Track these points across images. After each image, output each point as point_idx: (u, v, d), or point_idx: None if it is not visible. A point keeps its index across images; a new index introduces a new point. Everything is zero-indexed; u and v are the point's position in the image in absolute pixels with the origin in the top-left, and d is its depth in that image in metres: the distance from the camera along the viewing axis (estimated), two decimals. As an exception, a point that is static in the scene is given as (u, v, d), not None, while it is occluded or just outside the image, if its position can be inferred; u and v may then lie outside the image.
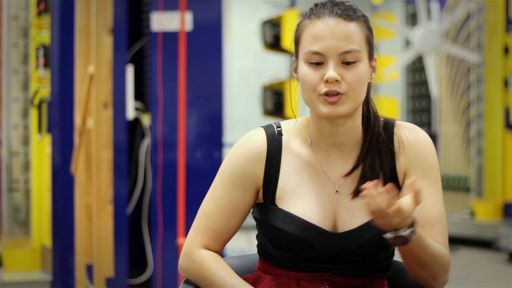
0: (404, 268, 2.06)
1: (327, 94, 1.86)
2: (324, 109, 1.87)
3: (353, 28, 1.88)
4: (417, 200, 1.73)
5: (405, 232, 1.76)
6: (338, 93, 1.86)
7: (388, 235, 1.77)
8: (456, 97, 8.36)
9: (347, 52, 1.86)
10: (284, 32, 6.05)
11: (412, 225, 1.77)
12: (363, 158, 1.94)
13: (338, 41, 1.86)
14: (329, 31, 1.87)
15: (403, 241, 1.77)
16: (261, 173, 1.96)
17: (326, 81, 1.86)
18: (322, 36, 1.87)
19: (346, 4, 1.91)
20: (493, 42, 8.01)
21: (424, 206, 1.88)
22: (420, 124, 8.94)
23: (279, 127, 1.99)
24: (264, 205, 1.95)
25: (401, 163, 1.94)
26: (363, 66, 1.88)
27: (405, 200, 1.73)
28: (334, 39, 1.86)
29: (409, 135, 1.95)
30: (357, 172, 1.94)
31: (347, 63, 1.87)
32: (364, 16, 1.92)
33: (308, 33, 1.89)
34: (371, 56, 1.92)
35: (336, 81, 1.86)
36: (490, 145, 8.09)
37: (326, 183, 1.94)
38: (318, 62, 1.87)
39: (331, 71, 1.85)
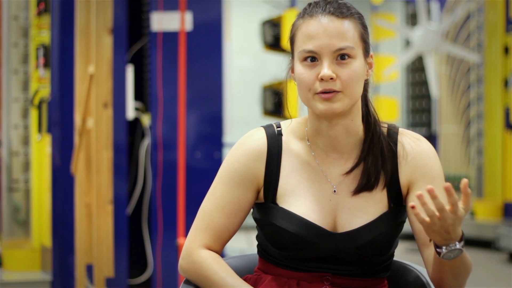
0: (404, 267, 2.07)
1: (322, 92, 1.87)
2: (321, 106, 1.87)
3: (347, 26, 1.88)
4: (466, 204, 1.71)
5: (459, 245, 1.77)
6: (333, 91, 1.86)
7: (443, 250, 1.77)
8: (456, 97, 8.36)
9: (341, 49, 1.86)
10: (284, 32, 6.05)
11: (462, 238, 1.77)
12: (365, 157, 1.94)
13: (331, 39, 1.86)
14: (322, 29, 1.87)
15: (456, 254, 1.77)
16: (261, 172, 1.96)
17: (321, 79, 1.86)
18: (316, 35, 1.87)
19: (340, 1, 1.91)
20: (493, 42, 8.01)
21: None
22: (420, 124, 8.94)
23: (279, 127, 2.00)
24: (265, 204, 1.96)
25: (405, 171, 1.93)
26: (357, 63, 1.88)
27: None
28: (328, 37, 1.86)
29: (413, 144, 1.95)
30: (358, 171, 1.94)
31: (342, 59, 1.87)
32: (358, 13, 1.93)
33: (302, 33, 1.90)
34: (366, 53, 1.92)
35: (331, 78, 1.86)
36: (490, 145, 8.09)
37: (324, 182, 1.94)
38: (312, 58, 1.87)
39: (325, 69, 1.86)
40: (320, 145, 1.96)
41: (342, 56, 1.87)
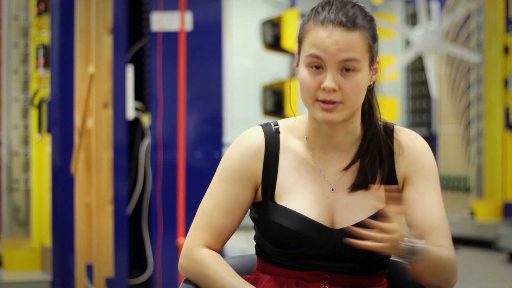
0: (404, 267, 2.07)
1: (323, 101, 1.87)
2: (320, 114, 1.89)
3: (356, 38, 1.87)
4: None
5: (417, 244, 1.79)
6: (334, 102, 1.87)
7: (407, 260, 1.80)
8: (456, 97, 8.36)
9: (346, 60, 1.86)
10: (284, 32, 6.05)
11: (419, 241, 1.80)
12: (363, 154, 1.95)
13: (338, 50, 1.86)
14: (330, 40, 1.86)
15: (420, 251, 1.79)
16: (259, 170, 1.96)
17: (323, 89, 1.87)
18: (323, 43, 1.86)
19: (353, 6, 1.89)
20: (493, 42, 8.01)
21: (428, 208, 1.91)
22: (420, 124, 8.94)
23: (276, 125, 2.01)
24: (263, 202, 1.96)
25: (401, 167, 1.96)
26: (362, 75, 1.88)
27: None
28: (335, 48, 1.86)
29: (408, 140, 1.97)
30: (355, 169, 1.95)
31: (346, 71, 1.87)
32: (370, 20, 1.91)
33: (310, 38, 1.89)
34: (372, 62, 1.92)
35: (334, 90, 1.86)
36: (490, 145, 8.09)
37: (322, 180, 1.95)
38: (317, 66, 1.88)
39: (328, 80, 1.86)
40: (318, 144, 1.97)
41: (346, 68, 1.87)
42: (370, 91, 1.98)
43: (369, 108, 1.98)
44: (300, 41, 1.93)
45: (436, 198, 1.94)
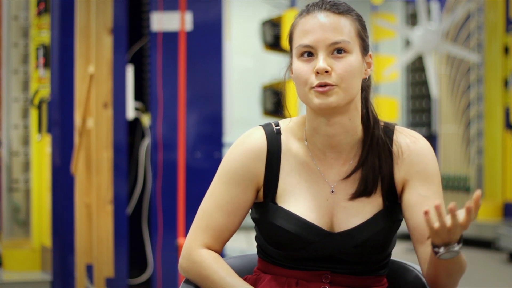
0: (404, 267, 2.07)
1: (318, 86, 1.87)
2: (316, 100, 1.88)
3: (343, 21, 1.89)
4: (469, 217, 1.72)
5: (457, 247, 1.77)
6: (329, 85, 1.87)
7: (441, 250, 1.77)
8: (456, 97, 8.36)
9: (336, 42, 1.87)
10: (284, 32, 6.06)
11: (460, 240, 1.77)
12: (364, 161, 1.93)
13: (327, 33, 1.87)
14: (318, 24, 1.88)
15: (453, 255, 1.77)
16: (261, 172, 1.96)
17: (317, 73, 1.87)
18: (312, 29, 1.88)
19: (339, 2, 1.92)
20: (493, 42, 8.01)
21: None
22: (420, 124, 8.94)
23: (278, 126, 2.00)
24: (264, 204, 1.96)
25: (400, 170, 1.94)
26: (354, 58, 1.89)
27: (461, 214, 1.73)
28: (323, 31, 1.87)
29: (409, 142, 1.95)
30: (356, 176, 1.94)
31: (338, 53, 1.87)
32: (357, 13, 1.94)
33: (299, 29, 1.91)
34: (365, 52, 1.93)
35: (326, 72, 1.86)
36: (490, 145, 8.09)
37: (322, 183, 1.94)
38: (309, 53, 1.88)
39: (320, 62, 1.86)
40: (318, 145, 1.96)
41: (338, 51, 1.87)
42: (367, 90, 1.98)
43: (366, 109, 1.98)
44: (290, 38, 1.94)
45: (437, 201, 1.92)
